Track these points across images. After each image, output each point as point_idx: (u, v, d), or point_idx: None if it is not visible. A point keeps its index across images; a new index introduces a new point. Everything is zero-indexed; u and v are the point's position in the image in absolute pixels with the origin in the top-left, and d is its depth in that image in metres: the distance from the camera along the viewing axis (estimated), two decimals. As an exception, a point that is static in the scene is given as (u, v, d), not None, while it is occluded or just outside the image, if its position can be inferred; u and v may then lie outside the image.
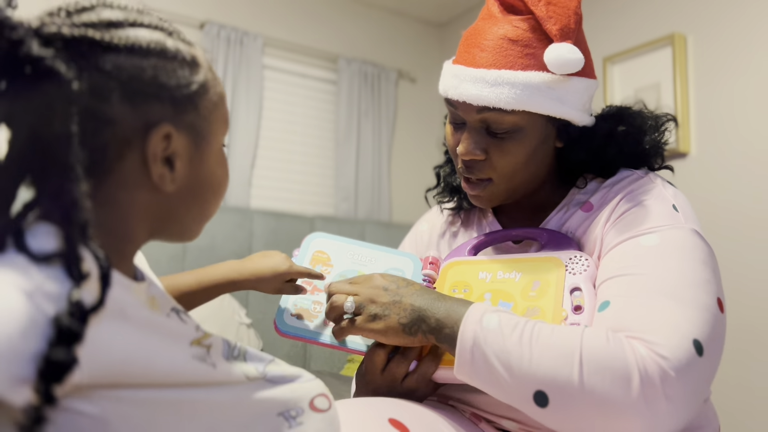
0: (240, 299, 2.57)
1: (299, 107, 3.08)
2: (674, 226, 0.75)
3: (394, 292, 0.78)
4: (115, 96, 0.49)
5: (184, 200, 0.56)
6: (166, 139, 0.52)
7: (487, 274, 0.86)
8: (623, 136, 0.88)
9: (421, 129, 3.43)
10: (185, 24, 2.80)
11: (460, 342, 0.70)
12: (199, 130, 0.55)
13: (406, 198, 3.31)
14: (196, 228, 0.60)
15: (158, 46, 0.52)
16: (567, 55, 0.78)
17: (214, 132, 0.57)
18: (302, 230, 2.79)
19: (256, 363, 0.58)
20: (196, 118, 0.54)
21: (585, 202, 0.87)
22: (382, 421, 0.68)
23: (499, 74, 0.79)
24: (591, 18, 2.69)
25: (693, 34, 2.30)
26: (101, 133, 0.49)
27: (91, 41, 0.49)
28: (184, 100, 0.53)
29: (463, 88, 0.81)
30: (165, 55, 0.52)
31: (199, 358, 0.52)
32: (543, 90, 0.79)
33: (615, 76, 2.55)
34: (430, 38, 3.52)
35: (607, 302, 0.71)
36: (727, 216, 2.12)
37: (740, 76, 2.14)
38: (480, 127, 0.83)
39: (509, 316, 0.70)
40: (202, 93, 0.55)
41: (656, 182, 0.84)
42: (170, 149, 0.53)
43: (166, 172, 0.53)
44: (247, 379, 0.55)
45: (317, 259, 0.94)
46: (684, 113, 2.28)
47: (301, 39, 3.08)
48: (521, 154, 0.83)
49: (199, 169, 0.56)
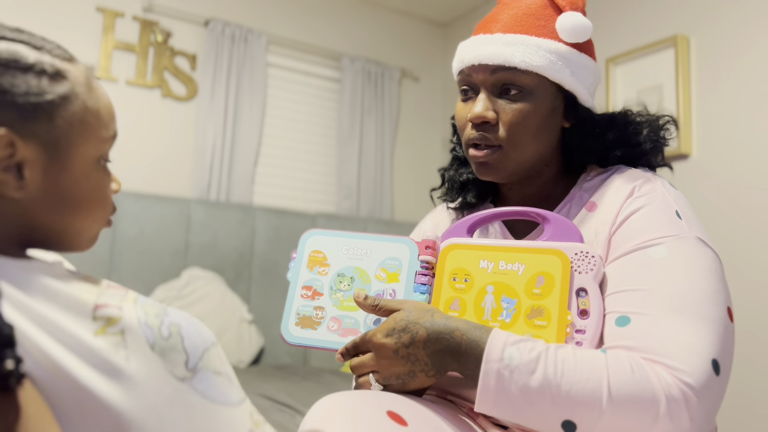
0: (242, 296, 2.58)
1: (302, 105, 3.09)
2: (680, 236, 0.77)
3: (405, 353, 0.76)
4: None
5: (47, 210, 0.56)
6: (9, 146, 0.52)
7: (488, 263, 0.85)
8: (624, 126, 0.92)
9: (423, 128, 3.44)
10: (190, 21, 2.81)
11: (483, 383, 0.70)
12: (54, 139, 0.55)
13: (408, 196, 3.32)
14: (77, 239, 0.59)
15: (12, 55, 0.53)
16: (576, 21, 0.84)
17: (77, 144, 0.56)
18: (304, 227, 2.80)
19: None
20: (51, 128, 0.54)
21: (588, 200, 0.88)
22: (380, 413, 0.69)
23: (514, 36, 0.85)
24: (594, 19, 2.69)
25: (696, 36, 2.31)
26: None
27: None
28: (33, 108, 0.53)
29: (479, 51, 0.86)
30: (16, 65, 0.53)
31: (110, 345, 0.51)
32: (556, 56, 0.85)
33: (617, 78, 2.56)
34: (433, 37, 3.53)
35: (626, 318, 0.73)
36: (728, 217, 2.12)
37: (743, 78, 2.15)
38: (493, 91, 0.87)
39: (528, 348, 0.70)
40: (60, 104, 0.55)
41: (657, 184, 0.84)
42: (16, 156, 0.53)
43: (9, 178, 0.53)
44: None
45: (314, 260, 0.93)
46: (686, 115, 2.28)
47: (304, 37, 3.09)
48: (531, 118, 0.85)
49: (59, 181, 0.56)
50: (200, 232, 2.55)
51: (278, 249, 2.72)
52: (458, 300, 0.84)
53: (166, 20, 2.76)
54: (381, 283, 0.89)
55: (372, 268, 0.90)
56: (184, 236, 2.52)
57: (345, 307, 0.88)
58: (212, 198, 2.73)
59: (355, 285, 0.89)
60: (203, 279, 2.43)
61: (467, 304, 0.83)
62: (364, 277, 0.89)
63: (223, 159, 2.77)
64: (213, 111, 2.77)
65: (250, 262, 2.65)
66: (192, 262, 2.52)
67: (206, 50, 2.79)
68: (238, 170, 2.81)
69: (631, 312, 0.73)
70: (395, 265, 0.89)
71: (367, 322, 0.86)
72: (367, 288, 0.89)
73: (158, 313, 0.54)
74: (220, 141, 2.76)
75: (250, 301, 2.61)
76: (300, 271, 0.92)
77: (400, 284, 0.88)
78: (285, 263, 2.72)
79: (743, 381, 2.00)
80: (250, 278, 2.64)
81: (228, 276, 2.57)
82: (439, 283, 0.86)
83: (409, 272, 0.88)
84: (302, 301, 0.90)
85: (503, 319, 0.80)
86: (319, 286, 0.91)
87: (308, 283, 0.91)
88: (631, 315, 0.73)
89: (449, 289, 0.85)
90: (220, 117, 2.77)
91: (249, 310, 2.57)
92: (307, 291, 0.91)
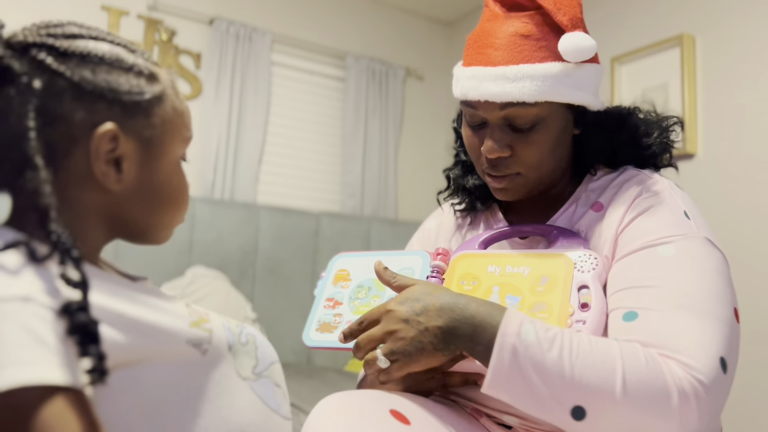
0: (246, 294, 2.58)
1: (307, 104, 3.09)
2: (688, 236, 0.77)
3: (416, 321, 0.73)
4: (67, 95, 0.53)
5: (138, 204, 0.59)
6: (113, 140, 0.55)
7: (496, 267, 0.87)
8: (634, 125, 0.91)
9: (428, 127, 3.43)
10: (195, 20, 2.82)
11: (497, 357, 0.67)
12: (150, 137, 0.58)
13: (413, 195, 3.32)
14: (159, 233, 0.63)
15: (113, 56, 0.56)
16: (582, 43, 0.80)
17: (167, 142, 0.60)
18: (308, 226, 2.81)
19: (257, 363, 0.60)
20: (147, 125, 0.58)
21: (595, 201, 0.88)
22: (383, 412, 0.69)
23: (518, 69, 0.81)
24: (599, 17, 2.69)
25: (702, 35, 2.30)
26: (52, 130, 0.52)
27: (50, 47, 0.53)
28: (134, 106, 0.56)
29: (484, 88, 0.82)
30: (119, 65, 0.56)
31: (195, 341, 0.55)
32: (561, 79, 0.81)
33: (623, 77, 2.55)
34: (438, 36, 3.52)
35: (634, 313, 0.73)
36: (734, 217, 2.12)
37: (748, 78, 2.14)
38: (503, 123, 0.85)
39: (545, 327, 0.69)
40: (155, 103, 0.58)
41: (665, 185, 0.85)
42: (118, 151, 0.55)
43: (110, 171, 0.56)
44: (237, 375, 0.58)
45: (339, 277, 1.00)
46: (691, 114, 2.27)
47: (309, 36, 3.09)
48: (546, 145, 0.85)
49: (152, 175, 0.59)
50: (204, 231, 2.56)
51: (282, 247, 2.72)
52: None
53: (170, 19, 2.77)
54: None
55: None
56: (188, 234, 2.52)
57: (360, 311, 0.91)
58: (216, 196, 2.73)
59: (371, 293, 0.94)
60: (207, 277, 2.44)
61: None
62: (380, 286, 0.93)
63: (228, 157, 2.77)
64: (217, 109, 2.77)
65: (254, 260, 2.66)
66: (196, 260, 2.52)
67: (211, 49, 2.80)
68: (242, 169, 2.81)
69: (638, 308, 0.73)
70: (408, 273, 0.94)
71: None
72: (381, 294, 0.92)
73: (238, 324, 0.61)
74: (224, 139, 2.77)
75: (254, 299, 2.61)
76: (326, 287, 0.99)
77: None
78: (289, 261, 2.72)
79: (747, 382, 1.99)
80: (254, 277, 2.65)
81: (232, 274, 2.57)
82: (448, 285, 0.89)
83: (421, 276, 0.92)
84: (324, 311, 0.95)
85: None
86: (340, 297, 0.97)
87: (331, 296, 0.97)
88: (638, 310, 0.72)
89: (457, 290, 0.87)
90: (224, 116, 2.77)
91: (253, 308, 2.57)
92: (329, 302, 0.97)
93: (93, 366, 0.45)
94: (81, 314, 0.45)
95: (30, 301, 0.44)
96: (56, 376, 0.42)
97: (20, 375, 0.40)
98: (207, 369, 0.56)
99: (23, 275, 0.46)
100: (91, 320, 0.46)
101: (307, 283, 2.75)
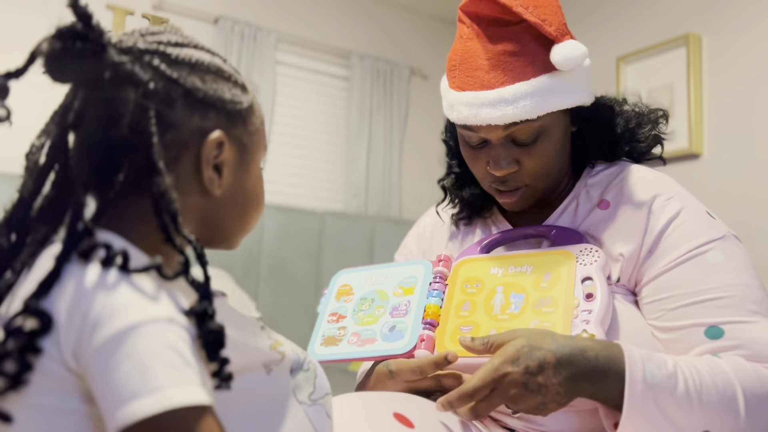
0: (250, 293, 2.59)
1: (311, 103, 3.09)
2: (725, 238, 0.81)
3: (535, 383, 0.67)
4: (179, 102, 0.54)
5: (227, 208, 0.61)
6: (218, 147, 0.57)
7: (498, 269, 0.87)
8: (627, 117, 0.93)
9: (432, 126, 3.43)
10: (199, 19, 2.82)
11: (630, 405, 0.67)
12: (245, 144, 0.60)
13: (417, 195, 3.32)
14: (238, 238, 0.65)
15: (216, 65, 0.58)
16: (574, 53, 0.80)
17: (256, 150, 0.63)
18: (313, 225, 2.81)
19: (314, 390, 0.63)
20: (244, 133, 0.60)
21: (601, 200, 0.88)
22: (387, 415, 0.69)
23: (515, 89, 0.80)
24: (604, 17, 2.68)
25: (708, 35, 2.29)
26: (164, 136, 0.54)
27: (162, 54, 0.55)
28: (236, 115, 0.59)
29: (484, 114, 0.82)
30: (222, 74, 0.58)
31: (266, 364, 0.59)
32: (557, 88, 0.82)
33: (628, 76, 2.54)
34: (442, 35, 3.52)
35: (718, 329, 0.75)
36: (739, 218, 2.10)
37: (755, 78, 2.13)
38: (506, 141, 0.85)
39: (662, 361, 0.71)
40: (250, 112, 0.61)
41: (674, 183, 0.87)
42: (221, 157, 0.57)
43: (215, 176, 0.57)
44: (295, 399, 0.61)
45: (342, 292, 1.01)
46: (697, 114, 2.26)
47: (314, 35, 3.09)
48: (551, 153, 0.86)
49: (242, 181, 0.61)
50: (209, 230, 2.56)
51: (286, 247, 2.73)
52: (469, 302, 0.86)
53: (175, 18, 2.77)
54: (398, 298, 0.93)
55: (391, 288, 0.96)
56: (192, 234, 2.53)
57: (364, 322, 0.92)
58: (221, 195, 2.74)
59: (375, 304, 0.94)
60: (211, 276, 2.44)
61: (477, 305, 0.85)
62: (383, 296, 0.94)
63: (232, 157, 2.78)
64: (222, 109, 2.78)
65: (258, 260, 2.66)
66: (201, 259, 2.53)
67: (215, 48, 2.78)
68: (246, 168, 2.82)
69: (718, 323, 0.75)
70: (411, 281, 0.94)
71: (383, 331, 0.89)
72: (385, 304, 0.93)
73: (303, 351, 0.65)
74: (228, 139, 2.77)
75: (258, 299, 2.62)
76: (329, 303, 0.99)
77: (414, 295, 0.92)
78: (293, 261, 2.72)
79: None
80: (258, 276, 2.65)
81: (236, 274, 2.58)
82: (452, 290, 0.89)
83: (424, 284, 0.93)
84: (328, 326, 0.96)
85: (512, 312, 0.81)
86: (343, 311, 0.97)
87: (335, 311, 0.98)
88: (721, 325, 0.75)
89: (461, 294, 0.88)
90: (229, 115, 2.78)
91: (257, 308, 2.57)
92: (332, 317, 0.98)
93: (219, 370, 0.48)
94: (211, 322, 0.48)
95: (173, 322, 0.46)
96: (205, 396, 0.44)
97: (180, 396, 0.42)
98: (268, 386, 0.58)
99: (162, 296, 0.47)
100: (219, 326, 0.48)
101: (311, 283, 2.75)
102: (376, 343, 0.88)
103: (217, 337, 0.48)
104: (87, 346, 0.44)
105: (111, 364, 0.43)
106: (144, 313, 0.45)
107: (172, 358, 0.44)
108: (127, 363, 0.43)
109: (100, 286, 0.46)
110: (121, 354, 0.43)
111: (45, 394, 0.46)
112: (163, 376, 0.43)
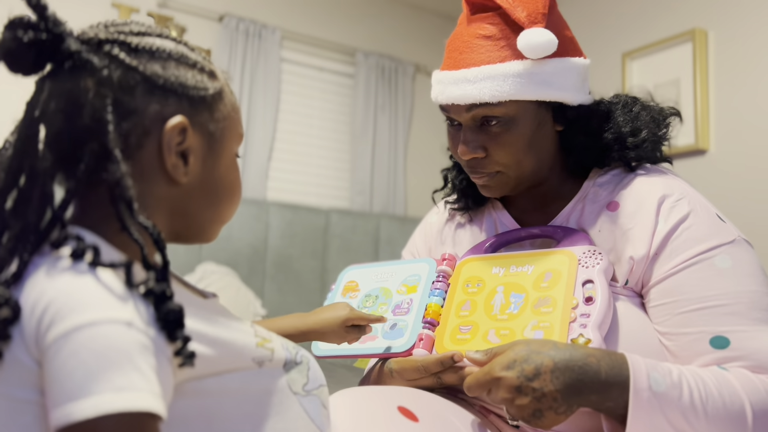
0: (256, 291, 2.59)
1: (316, 100, 3.09)
2: (734, 242, 0.79)
3: (530, 388, 0.65)
4: (140, 89, 0.54)
5: (198, 197, 0.60)
6: (181, 133, 0.56)
7: (500, 269, 0.87)
8: (622, 123, 0.88)
9: (437, 123, 3.42)
10: (204, 17, 2.82)
11: (635, 416, 0.66)
12: (212, 132, 0.59)
13: (422, 192, 3.31)
14: (212, 229, 0.64)
15: (180, 52, 0.58)
16: (537, 39, 0.79)
17: (227, 138, 0.61)
18: (318, 223, 2.81)
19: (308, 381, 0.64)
20: (210, 120, 0.59)
21: (610, 201, 0.86)
22: (391, 408, 0.69)
23: (479, 70, 0.81)
24: (610, 13, 2.67)
25: (714, 30, 2.27)
26: (125, 123, 0.53)
27: (122, 42, 0.55)
28: (199, 101, 0.58)
29: (448, 92, 0.84)
30: (185, 61, 0.58)
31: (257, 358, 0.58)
32: (524, 77, 0.80)
33: (634, 72, 2.53)
34: (448, 32, 3.48)
35: (723, 339, 0.74)
36: (746, 214, 2.09)
37: (761, 73, 2.11)
38: (474, 125, 0.85)
39: (667, 371, 0.70)
40: (217, 99, 0.60)
41: (684, 185, 0.85)
42: (185, 144, 0.57)
43: (179, 163, 0.57)
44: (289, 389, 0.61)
45: (348, 288, 1.02)
46: (704, 110, 2.25)
47: (319, 32, 3.09)
48: (519, 144, 0.84)
49: (212, 169, 0.60)
50: (214, 227, 2.57)
51: (292, 244, 2.73)
52: (470, 302, 0.86)
53: (180, 16, 2.77)
54: (401, 296, 0.94)
55: (395, 285, 0.97)
56: (198, 231, 2.54)
57: None
58: (226, 193, 2.75)
59: (378, 301, 0.95)
60: (217, 274, 2.45)
61: (477, 304, 0.86)
62: (387, 294, 0.95)
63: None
64: (227, 106, 2.78)
65: (264, 257, 2.67)
66: (206, 257, 2.53)
67: (220, 46, 2.80)
68: (252, 165, 2.82)
69: (723, 332, 0.74)
70: (415, 279, 0.95)
71: (384, 328, 0.90)
72: (388, 302, 0.94)
73: (294, 345, 0.65)
74: (234, 136, 2.78)
75: (264, 296, 2.62)
76: (335, 298, 1.01)
77: (417, 293, 0.93)
78: (299, 258, 2.73)
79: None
80: (264, 273, 2.66)
81: (242, 271, 2.58)
82: (453, 289, 0.89)
83: (427, 282, 0.94)
84: None
85: (511, 311, 0.81)
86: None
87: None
88: (726, 334, 0.74)
89: (462, 294, 0.88)
90: (234, 112, 2.78)
91: (263, 305, 2.58)
92: None
93: (181, 349, 0.47)
94: (169, 302, 0.48)
95: (132, 326, 0.45)
96: (149, 403, 0.43)
97: (118, 401, 0.41)
98: (262, 379, 0.58)
99: (127, 297, 0.47)
100: (177, 305, 0.48)
101: (317, 280, 2.76)
102: (377, 341, 0.89)
103: (176, 317, 0.47)
104: (43, 338, 0.44)
105: (58, 361, 0.42)
106: (102, 313, 0.44)
107: (120, 362, 0.42)
108: (73, 362, 0.42)
109: (65, 279, 0.46)
110: (69, 352, 0.42)
111: (6, 384, 0.46)
112: (105, 380, 0.41)
